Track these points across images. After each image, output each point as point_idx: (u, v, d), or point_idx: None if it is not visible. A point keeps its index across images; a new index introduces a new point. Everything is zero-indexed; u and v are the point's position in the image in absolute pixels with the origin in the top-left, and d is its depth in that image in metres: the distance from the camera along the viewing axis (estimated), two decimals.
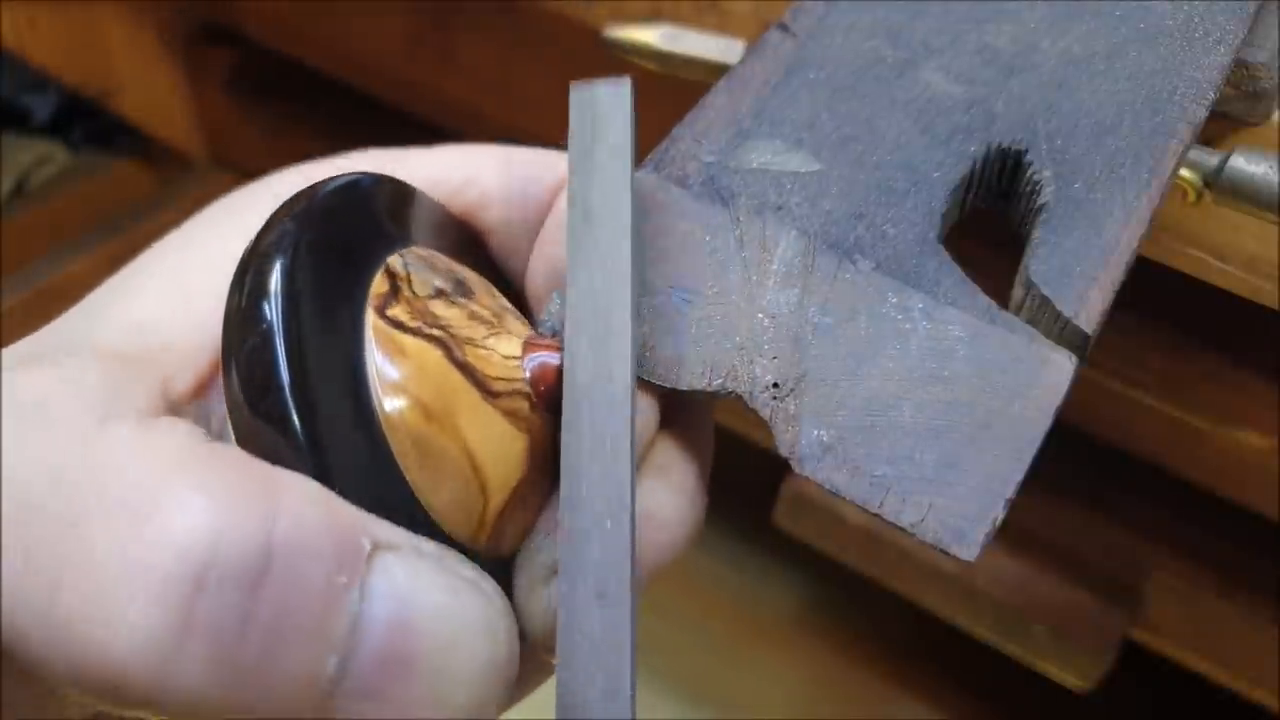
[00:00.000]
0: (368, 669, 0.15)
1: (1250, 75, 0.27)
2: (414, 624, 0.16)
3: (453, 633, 0.16)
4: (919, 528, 0.19)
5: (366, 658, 0.15)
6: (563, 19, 0.40)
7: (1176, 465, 0.45)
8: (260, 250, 0.18)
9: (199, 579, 0.14)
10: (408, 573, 0.16)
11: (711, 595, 0.67)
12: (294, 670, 0.15)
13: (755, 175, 0.22)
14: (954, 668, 0.63)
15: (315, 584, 0.15)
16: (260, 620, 0.15)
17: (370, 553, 0.16)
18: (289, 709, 0.15)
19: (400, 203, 0.22)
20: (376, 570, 0.16)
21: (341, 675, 0.15)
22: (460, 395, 0.19)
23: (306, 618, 0.15)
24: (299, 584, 0.15)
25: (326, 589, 0.15)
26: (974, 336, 0.20)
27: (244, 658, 0.15)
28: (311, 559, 0.15)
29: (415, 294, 0.20)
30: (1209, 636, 0.49)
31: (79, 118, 0.74)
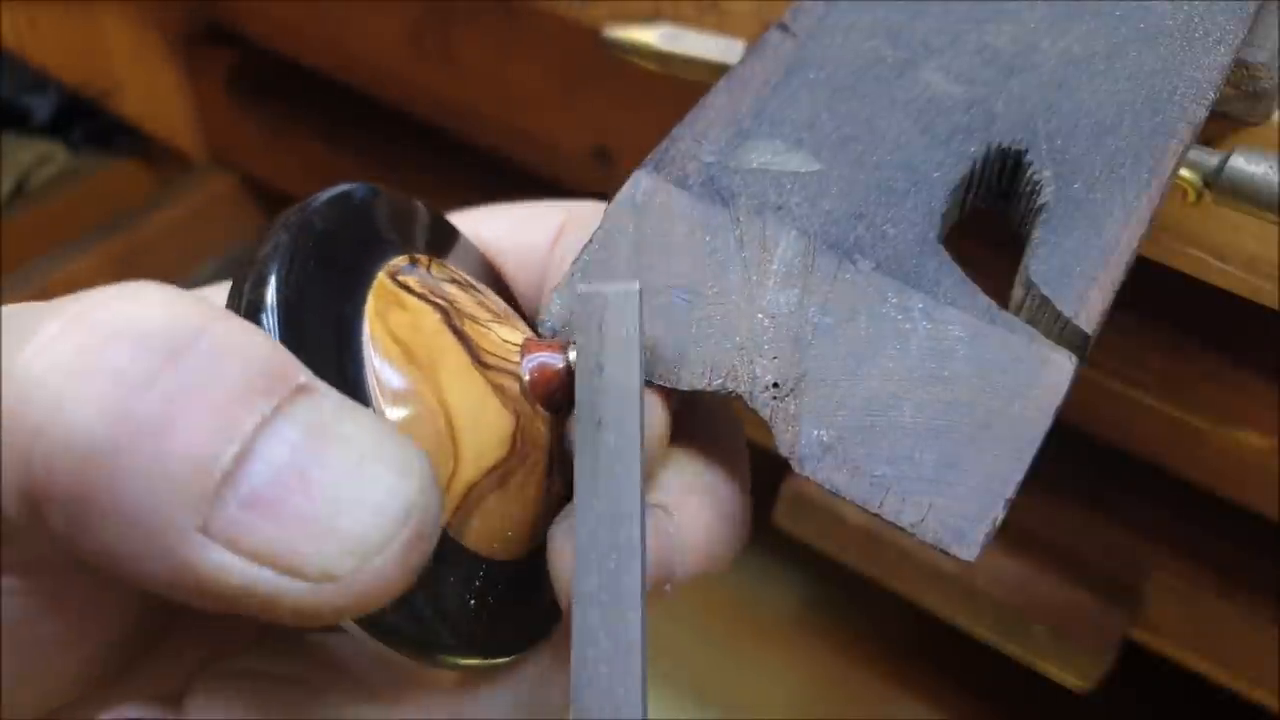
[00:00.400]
0: (263, 474, 0.15)
1: (1250, 75, 0.27)
2: (325, 440, 0.15)
3: (363, 453, 0.15)
4: (919, 528, 0.19)
5: (265, 463, 0.15)
6: (562, 19, 0.40)
7: (1176, 465, 0.45)
8: (256, 261, 0.18)
9: (114, 334, 0.15)
10: (335, 408, 0.15)
11: (711, 595, 0.67)
12: (187, 441, 0.14)
13: (755, 175, 0.22)
14: (954, 668, 0.63)
15: (234, 379, 0.15)
16: (167, 384, 0.14)
17: (305, 385, 0.15)
18: (171, 495, 0.14)
19: (405, 217, 0.22)
20: (305, 396, 0.15)
21: (234, 470, 0.14)
22: (449, 353, 0.19)
23: (218, 402, 0.14)
24: (220, 373, 0.15)
25: (246, 389, 0.15)
26: (974, 336, 0.20)
27: (141, 409, 0.14)
28: (238, 361, 0.15)
29: (431, 274, 0.21)
30: (1209, 636, 0.49)
31: (79, 118, 0.74)
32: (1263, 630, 0.47)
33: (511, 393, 0.20)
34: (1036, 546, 0.51)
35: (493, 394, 0.19)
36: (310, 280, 0.19)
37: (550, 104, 0.54)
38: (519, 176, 0.59)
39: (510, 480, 0.20)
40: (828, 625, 0.67)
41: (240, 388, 0.15)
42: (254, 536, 0.14)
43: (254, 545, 0.14)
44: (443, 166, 0.65)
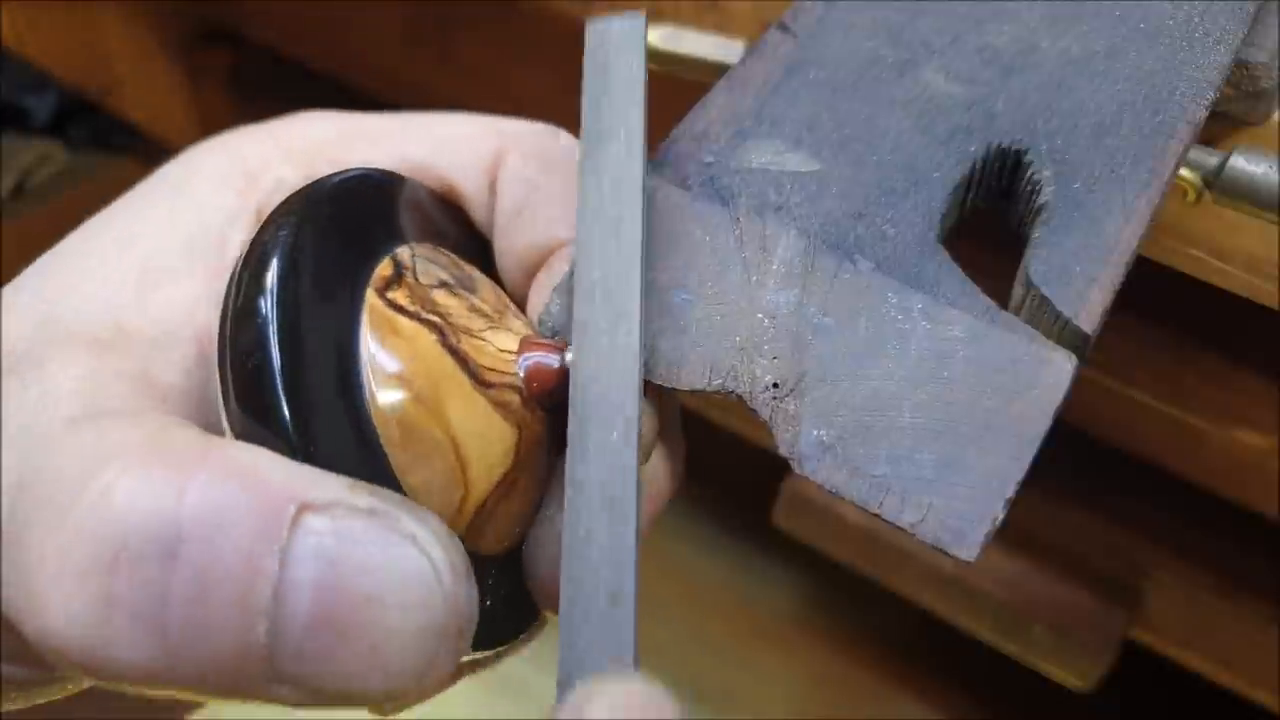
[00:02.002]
0: (299, 633, 0.15)
1: (1250, 75, 0.27)
2: (341, 582, 0.15)
3: (383, 588, 0.16)
4: (919, 528, 0.19)
5: (296, 621, 0.15)
6: (562, 19, 0.40)
7: (1176, 465, 0.45)
8: (259, 245, 0.18)
9: (113, 558, 0.15)
10: (335, 531, 0.16)
11: (711, 595, 0.67)
12: (224, 639, 0.15)
13: (755, 175, 0.22)
14: (954, 668, 0.63)
15: (233, 552, 0.15)
16: (179, 592, 0.15)
17: (296, 515, 0.15)
18: (233, 676, 0.15)
19: (409, 200, 0.22)
20: (300, 532, 0.15)
21: (274, 641, 0.15)
22: (451, 381, 0.19)
23: (228, 586, 0.15)
24: (215, 554, 0.15)
25: (247, 556, 0.15)
26: (974, 337, 0.20)
27: (170, 629, 0.15)
28: (226, 528, 0.15)
29: (418, 281, 0.20)
30: (1209, 636, 0.49)
31: (79, 118, 0.74)
32: (1263, 630, 0.47)
33: (513, 406, 0.20)
34: (1036, 546, 0.51)
35: (495, 412, 0.19)
36: (315, 262, 0.19)
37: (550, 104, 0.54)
38: None
39: (515, 487, 0.20)
40: (828, 625, 0.67)
41: (242, 555, 0.15)
42: (316, 683, 0.15)
43: (320, 687, 0.16)
44: None
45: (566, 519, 0.17)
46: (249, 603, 0.15)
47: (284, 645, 0.15)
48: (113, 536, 0.15)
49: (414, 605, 0.16)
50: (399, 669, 0.16)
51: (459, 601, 0.16)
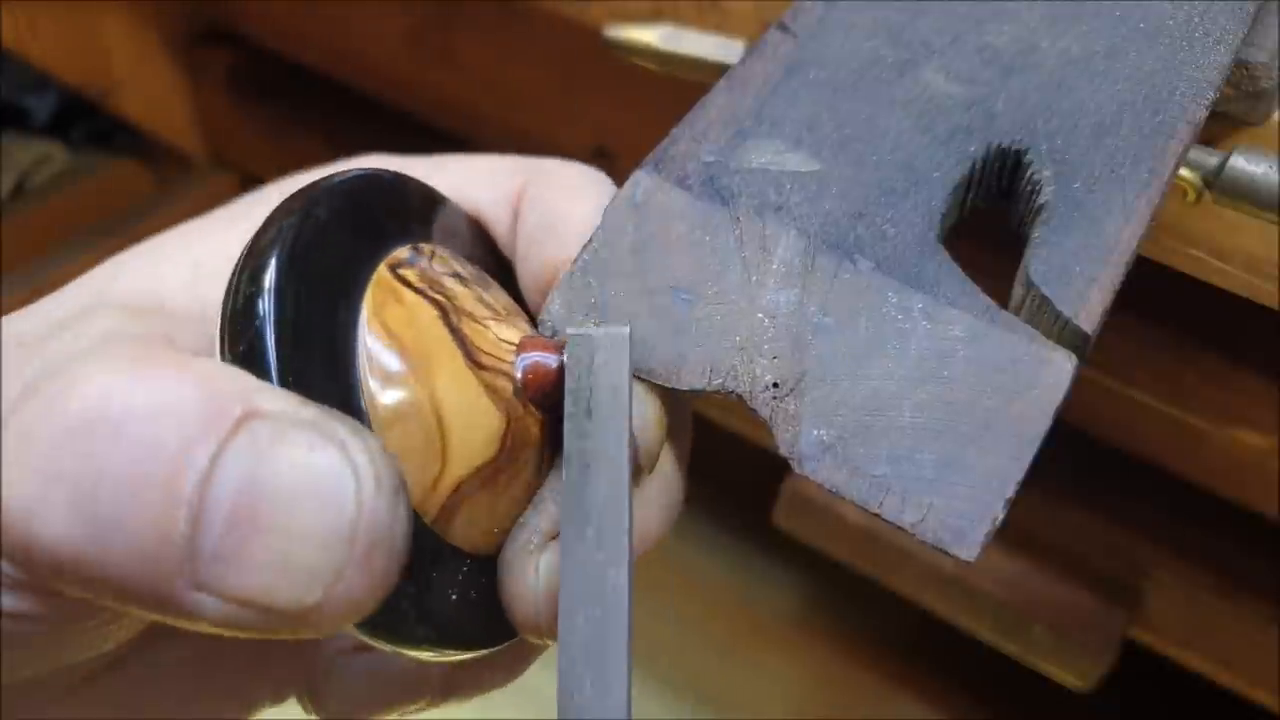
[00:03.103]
0: (217, 528, 0.15)
1: (1250, 75, 0.27)
2: (262, 482, 0.16)
3: (299, 487, 0.16)
4: (919, 528, 0.19)
5: (216, 515, 0.15)
6: (562, 19, 0.40)
7: (1176, 465, 0.45)
8: (258, 244, 0.19)
9: (65, 435, 0.16)
10: (271, 435, 0.16)
11: (711, 595, 0.67)
12: (144, 523, 0.15)
13: (755, 175, 0.22)
14: (954, 668, 0.63)
15: (172, 441, 0.15)
16: (114, 471, 0.15)
17: (241, 418, 0.16)
18: (151, 572, 0.15)
19: (423, 204, 0.22)
20: (240, 433, 0.16)
21: (193, 533, 0.15)
22: (443, 351, 0.19)
23: (158, 472, 0.15)
24: (155, 439, 0.15)
25: (183, 445, 0.15)
26: (974, 336, 0.20)
27: (100, 509, 0.15)
28: (172, 417, 0.16)
29: (431, 267, 0.20)
30: (1209, 636, 0.49)
31: (78, 118, 0.74)
32: (1263, 630, 0.47)
33: (504, 393, 0.20)
34: (1036, 546, 0.51)
35: (485, 394, 0.19)
36: (308, 275, 0.19)
37: (550, 104, 0.54)
38: None
39: (498, 479, 0.20)
40: (828, 625, 0.67)
41: (175, 447, 0.16)
42: (229, 585, 0.16)
43: (233, 592, 0.16)
44: None
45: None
46: (173, 489, 0.15)
47: (202, 540, 0.15)
48: (69, 414, 0.16)
49: (326, 508, 0.16)
50: (305, 575, 0.16)
51: (377, 515, 0.16)
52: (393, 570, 0.16)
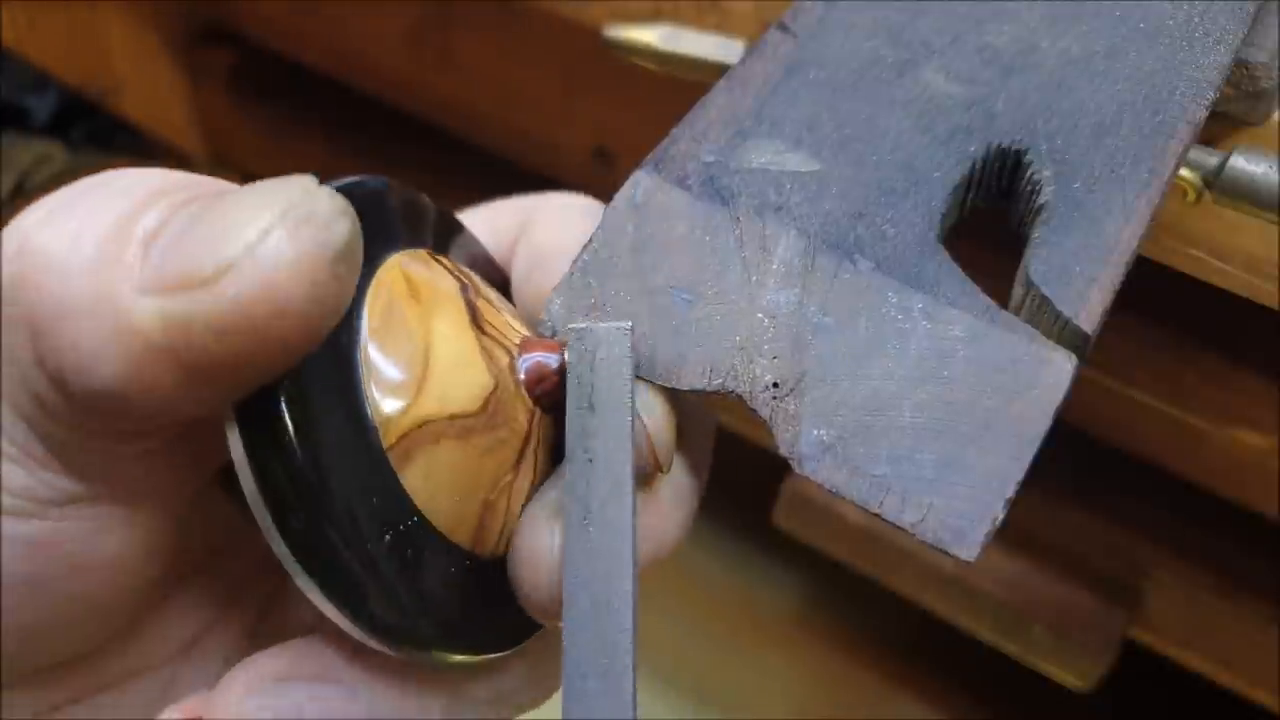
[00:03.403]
0: (171, 234, 0.17)
1: (1250, 75, 0.27)
2: (191, 182, 0.18)
3: (248, 197, 0.17)
4: (919, 528, 0.19)
5: (173, 227, 0.17)
6: (562, 19, 0.40)
7: (1176, 465, 0.45)
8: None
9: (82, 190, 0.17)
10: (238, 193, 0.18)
11: (711, 595, 0.67)
12: (102, 222, 0.17)
13: (755, 175, 0.22)
14: (954, 668, 0.63)
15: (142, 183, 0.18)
16: (92, 203, 0.17)
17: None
18: (110, 262, 0.16)
19: (416, 212, 0.22)
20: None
21: (149, 240, 0.17)
22: (451, 306, 0.20)
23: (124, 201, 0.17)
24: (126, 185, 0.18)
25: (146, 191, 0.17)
26: (974, 336, 0.20)
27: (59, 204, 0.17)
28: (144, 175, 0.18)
29: (460, 262, 0.22)
30: (1209, 636, 0.49)
31: (79, 118, 0.74)
32: (1263, 630, 0.47)
33: (499, 363, 0.20)
34: (1036, 546, 0.51)
35: (480, 354, 0.20)
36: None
37: (550, 104, 0.54)
38: (519, 176, 0.59)
39: (471, 438, 0.19)
40: (828, 625, 0.67)
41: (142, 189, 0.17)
42: (167, 272, 0.16)
43: (170, 278, 0.16)
44: (443, 166, 0.65)
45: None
46: (128, 193, 0.17)
47: (156, 247, 0.17)
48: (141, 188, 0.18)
49: (265, 194, 0.17)
50: (238, 233, 0.16)
51: (316, 202, 0.17)
52: (319, 259, 0.16)
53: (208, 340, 0.16)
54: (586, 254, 0.21)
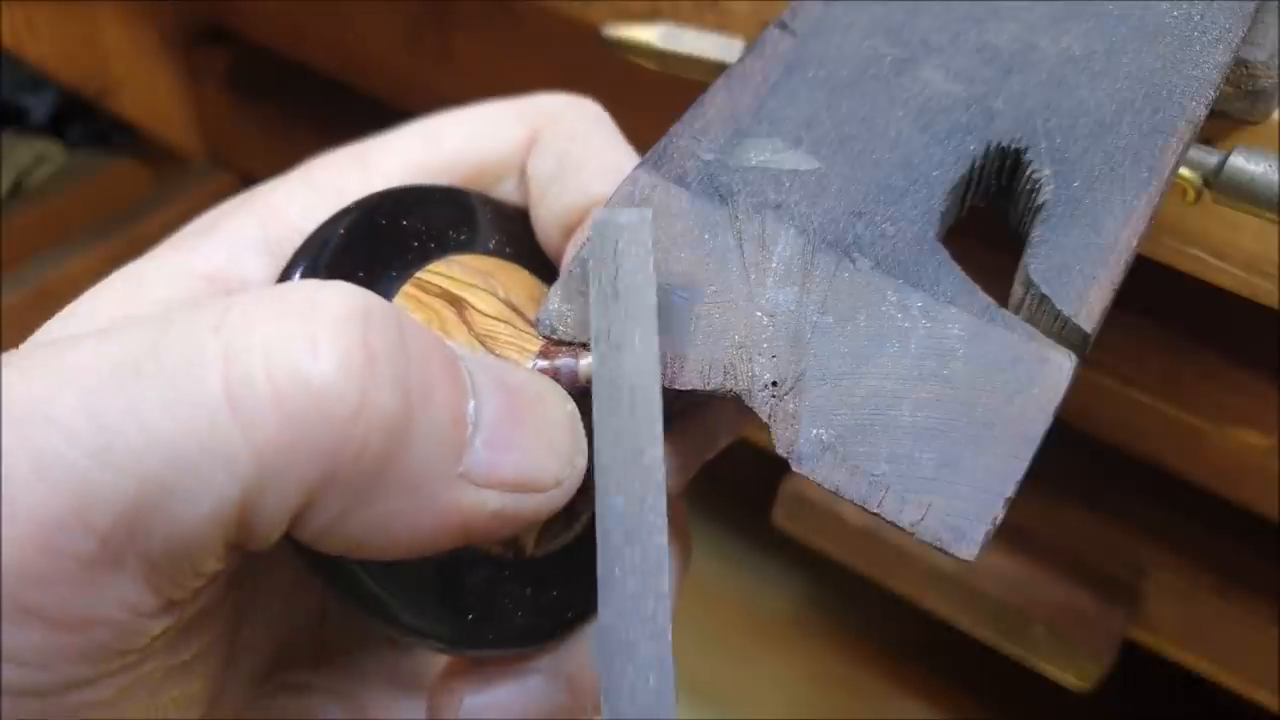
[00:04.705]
0: (494, 416, 0.17)
1: (1250, 74, 0.27)
2: (510, 384, 0.18)
3: (538, 391, 0.19)
4: (918, 527, 0.19)
5: (490, 405, 0.18)
6: (561, 18, 0.40)
7: (1176, 465, 0.45)
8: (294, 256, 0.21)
9: (365, 313, 0.16)
10: (479, 354, 0.19)
11: (711, 595, 0.67)
12: (446, 403, 0.17)
13: (754, 173, 0.22)
14: (954, 668, 0.63)
15: (432, 339, 0.17)
16: (415, 352, 0.17)
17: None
18: (442, 441, 0.17)
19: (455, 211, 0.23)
20: (464, 352, 0.18)
21: (478, 420, 0.17)
22: (456, 334, 0.21)
23: (439, 362, 0.17)
24: (424, 337, 0.17)
25: (439, 344, 0.18)
26: (973, 335, 0.20)
27: (412, 381, 0.16)
28: (420, 326, 0.18)
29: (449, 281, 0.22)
30: (1208, 636, 0.49)
31: (77, 117, 0.74)
32: (1262, 630, 0.47)
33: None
34: (1036, 546, 0.51)
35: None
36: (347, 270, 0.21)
37: None
38: None
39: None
40: (827, 625, 0.66)
41: (448, 354, 0.17)
42: (505, 469, 0.17)
43: (506, 476, 0.17)
44: None
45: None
46: (456, 378, 0.17)
47: (484, 424, 0.17)
48: (358, 300, 0.17)
49: (559, 400, 0.19)
50: (565, 446, 0.18)
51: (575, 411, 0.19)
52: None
53: (506, 528, 0.18)
54: (585, 251, 0.21)
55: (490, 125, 0.24)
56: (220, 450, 0.15)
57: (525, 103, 0.24)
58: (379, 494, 0.16)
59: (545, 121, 0.24)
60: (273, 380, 0.15)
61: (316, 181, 0.23)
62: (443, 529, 0.17)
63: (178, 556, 0.16)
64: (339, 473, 0.16)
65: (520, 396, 0.18)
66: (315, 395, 0.15)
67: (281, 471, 0.15)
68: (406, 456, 0.16)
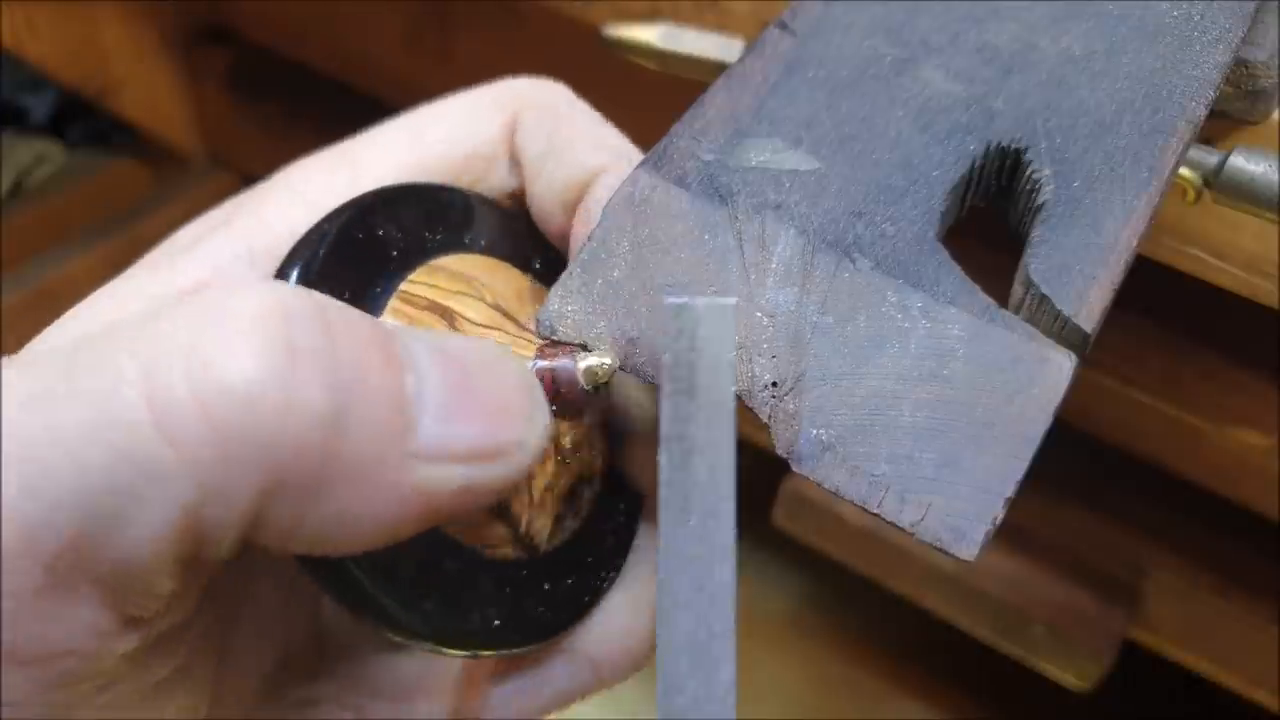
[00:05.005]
0: (440, 388, 0.17)
1: (1250, 74, 0.27)
2: (452, 352, 0.17)
3: (483, 356, 0.18)
4: (918, 527, 0.19)
5: (434, 380, 0.17)
6: (562, 18, 0.40)
7: (1176, 465, 0.45)
8: (286, 258, 0.20)
9: (282, 309, 0.16)
10: (421, 329, 0.18)
11: None
12: (381, 386, 0.16)
13: (754, 174, 0.22)
14: (954, 668, 0.63)
15: (359, 323, 0.17)
16: (341, 341, 0.16)
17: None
18: (384, 427, 0.16)
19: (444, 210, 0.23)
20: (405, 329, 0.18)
21: (422, 395, 0.16)
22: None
23: (369, 346, 0.16)
24: (349, 323, 0.16)
25: (369, 327, 0.17)
26: (973, 335, 0.20)
27: (340, 371, 0.16)
28: (363, 319, 0.17)
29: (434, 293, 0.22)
30: (1208, 636, 0.49)
31: (77, 117, 0.74)
32: (1262, 630, 0.47)
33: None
34: (1036, 546, 0.51)
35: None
36: (338, 275, 0.20)
37: None
38: None
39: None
40: (827, 625, 0.66)
41: (380, 335, 0.17)
42: (458, 441, 0.17)
43: (461, 447, 0.17)
44: None
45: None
46: (390, 353, 0.16)
47: (429, 398, 0.17)
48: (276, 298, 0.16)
49: (508, 362, 0.18)
50: (522, 409, 0.18)
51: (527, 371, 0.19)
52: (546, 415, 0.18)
53: (476, 501, 0.17)
54: (585, 252, 0.21)
55: (471, 114, 0.24)
56: (153, 470, 0.15)
57: (498, 87, 0.24)
58: (328, 489, 0.16)
59: (523, 103, 0.24)
60: (195, 391, 0.15)
61: (303, 187, 0.23)
62: (408, 512, 0.17)
63: (129, 577, 0.15)
64: (281, 475, 0.15)
65: (464, 362, 0.17)
66: (241, 400, 0.15)
67: (221, 483, 0.15)
68: (347, 447, 0.16)
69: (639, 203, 0.22)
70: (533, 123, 0.24)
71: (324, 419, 0.15)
